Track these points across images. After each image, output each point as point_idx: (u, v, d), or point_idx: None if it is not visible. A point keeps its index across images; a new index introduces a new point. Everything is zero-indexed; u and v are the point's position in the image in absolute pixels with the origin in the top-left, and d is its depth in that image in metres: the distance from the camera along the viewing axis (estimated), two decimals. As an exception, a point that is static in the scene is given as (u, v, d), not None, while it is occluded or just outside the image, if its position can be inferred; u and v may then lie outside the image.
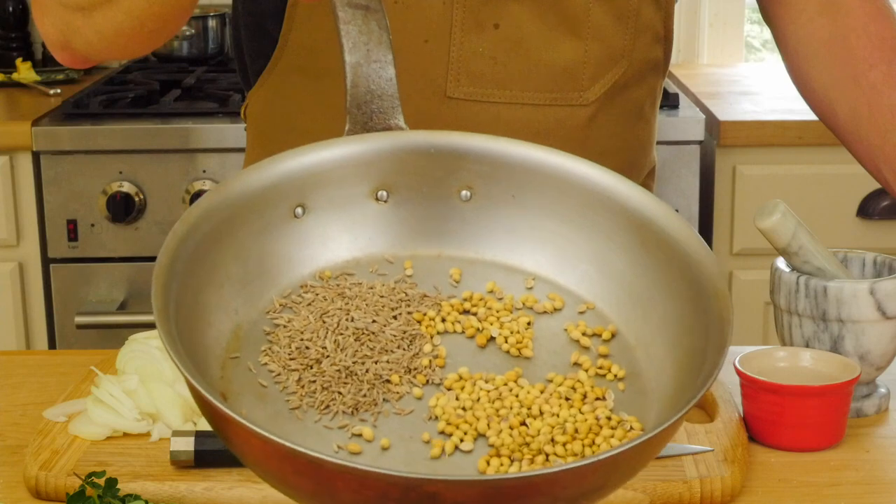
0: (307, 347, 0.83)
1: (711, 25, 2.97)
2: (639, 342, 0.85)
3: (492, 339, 0.86)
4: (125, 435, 1.10)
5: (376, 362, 0.82)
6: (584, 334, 0.87)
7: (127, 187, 2.39)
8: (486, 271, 0.89)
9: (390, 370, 0.83)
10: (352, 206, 0.89)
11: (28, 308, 2.47)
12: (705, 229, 2.45)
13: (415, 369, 0.83)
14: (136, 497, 0.98)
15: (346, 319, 0.84)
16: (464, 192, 0.90)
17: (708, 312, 0.80)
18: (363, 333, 0.84)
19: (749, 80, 2.76)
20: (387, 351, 0.83)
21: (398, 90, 0.91)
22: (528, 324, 0.87)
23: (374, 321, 0.85)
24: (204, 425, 1.09)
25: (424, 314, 0.87)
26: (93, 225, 2.41)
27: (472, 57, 1.26)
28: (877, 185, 2.44)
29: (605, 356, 0.85)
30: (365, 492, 0.68)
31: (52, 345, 2.48)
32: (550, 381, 0.84)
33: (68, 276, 2.45)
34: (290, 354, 0.82)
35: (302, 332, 0.84)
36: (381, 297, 0.86)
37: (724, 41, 2.95)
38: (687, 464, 1.04)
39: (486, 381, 0.83)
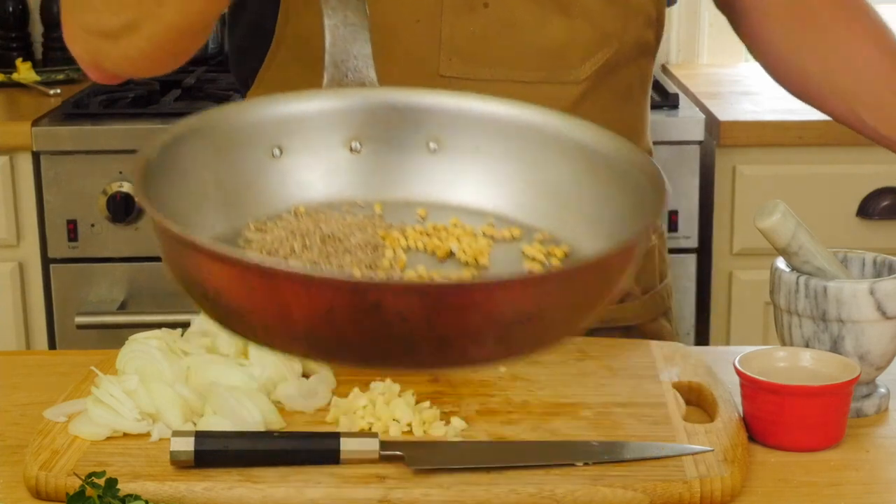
0: (276, 249, 0.86)
1: (711, 25, 2.97)
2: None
3: (451, 254, 0.90)
4: (125, 435, 1.10)
5: (340, 262, 0.86)
6: (539, 252, 0.90)
7: (127, 187, 2.39)
8: (450, 212, 0.94)
9: (352, 265, 0.86)
10: (327, 152, 0.94)
11: (28, 308, 2.47)
12: (705, 229, 2.45)
13: (377, 267, 0.86)
14: (136, 497, 0.99)
15: (315, 230, 0.88)
16: (431, 144, 0.95)
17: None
18: (329, 237, 0.88)
19: (749, 80, 2.76)
20: (350, 252, 0.87)
21: (373, 53, 0.98)
22: (487, 244, 0.91)
23: (340, 230, 0.89)
24: (204, 425, 1.09)
25: (389, 232, 0.90)
26: (93, 225, 2.41)
27: (464, 36, 1.28)
28: (877, 186, 2.44)
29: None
30: (312, 301, 0.71)
31: (52, 345, 2.48)
32: None
33: (68, 277, 2.45)
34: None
35: (272, 242, 0.87)
36: (351, 224, 0.91)
37: (724, 41, 2.95)
38: (687, 464, 1.04)
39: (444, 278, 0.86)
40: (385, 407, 1.13)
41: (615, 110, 1.35)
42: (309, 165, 0.93)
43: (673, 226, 2.40)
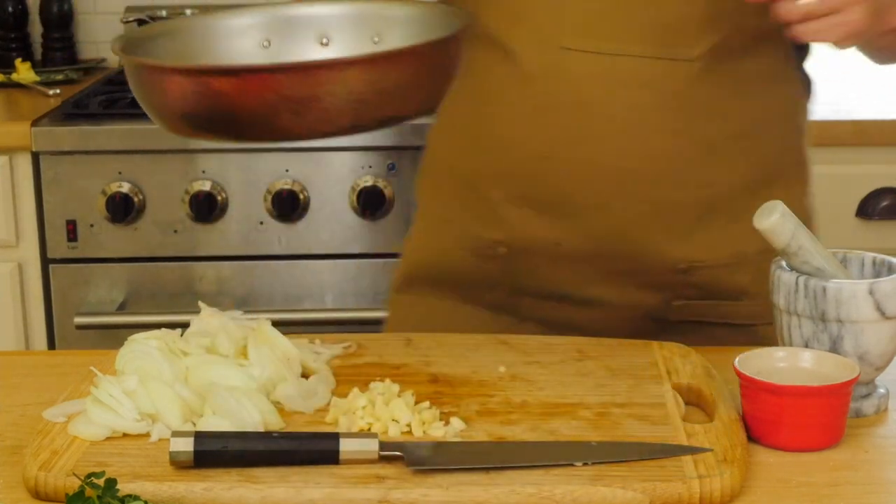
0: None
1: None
2: None
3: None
4: (125, 435, 1.10)
5: None
6: None
7: (126, 188, 2.39)
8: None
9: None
10: (245, 53, 1.25)
11: (27, 308, 2.47)
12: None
13: None
14: (136, 497, 0.98)
15: None
16: (323, 40, 1.27)
17: None
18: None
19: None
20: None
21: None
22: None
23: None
24: (203, 426, 1.09)
25: None
26: (92, 225, 2.41)
27: (585, 12, 1.34)
28: (877, 186, 2.44)
29: None
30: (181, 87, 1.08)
31: (51, 345, 2.48)
32: None
33: (68, 277, 2.45)
34: None
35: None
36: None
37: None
38: (686, 464, 1.04)
39: None
40: (384, 407, 1.13)
41: (732, 98, 1.36)
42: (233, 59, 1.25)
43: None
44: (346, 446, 1.05)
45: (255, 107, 1.05)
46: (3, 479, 1.07)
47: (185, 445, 1.03)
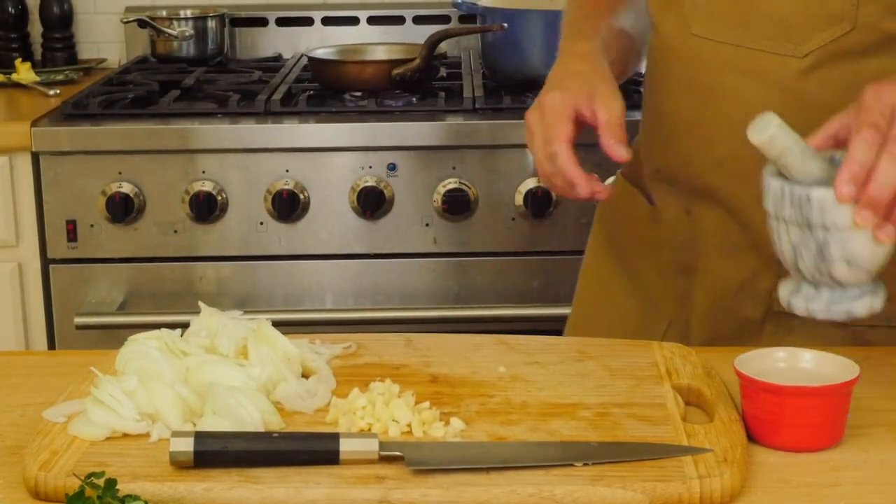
0: None
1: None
2: None
3: None
4: (125, 435, 1.10)
5: None
6: None
7: (126, 188, 2.39)
8: None
9: None
10: None
11: (27, 308, 2.47)
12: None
13: None
14: (136, 497, 0.99)
15: None
16: None
17: None
18: None
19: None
20: None
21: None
22: None
23: None
24: (203, 426, 1.09)
25: None
26: (92, 225, 2.41)
27: (714, 2, 1.41)
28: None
29: None
30: None
31: (51, 345, 2.48)
32: None
33: (68, 277, 2.45)
34: None
35: None
36: None
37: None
38: (686, 464, 1.04)
39: None
40: (384, 407, 1.13)
41: (847, 98, 1.30)
42: None
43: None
44: (346, 446, 1.05)
45: None
46: (3, 480, 1.07)
47: (185, 445, 1.03)
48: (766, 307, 1.45)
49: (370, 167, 2.39)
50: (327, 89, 2.57)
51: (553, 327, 1.76)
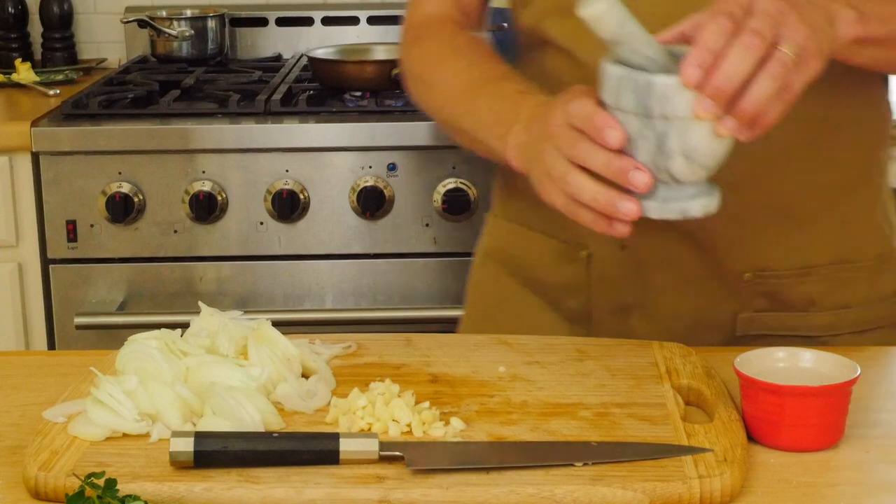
0: None
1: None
2: None
3: None
4: (124, 435, 1.10)
5: None
6: None
7: (126, 188, 2.39)
8: None
9: None
10: None
11: (27, 309, 2.47)
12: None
13: None
14: (136, 497, 0.99)
15: None
16: None
17: None
18: None
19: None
20: None
21: None
22: None
23: None
24: (203, 426, 1.09)
25: None
26: (92, 225, 2.41)
27: (647, 17, 1.24)
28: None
29: None
30: None
31: (51, 345, 2.48)
32: None
33: (68, 277, 2.45)
34: None
35: None
36: None
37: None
38: (686, 464, 1.04)
39: None
40: (384, 407, 1.13)
41: (815, 103, 1.24)
42: None
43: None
44: (346, 446, 1.05)
45: None
46: (3, 480, 1.07)
47: (185, 445, 1.03)
48: (726, 334, 1.41)
49: (370, 167, 2.40)
50: (327, 89, 2.57)
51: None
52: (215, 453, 1.03)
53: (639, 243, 1.38)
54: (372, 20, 3.00)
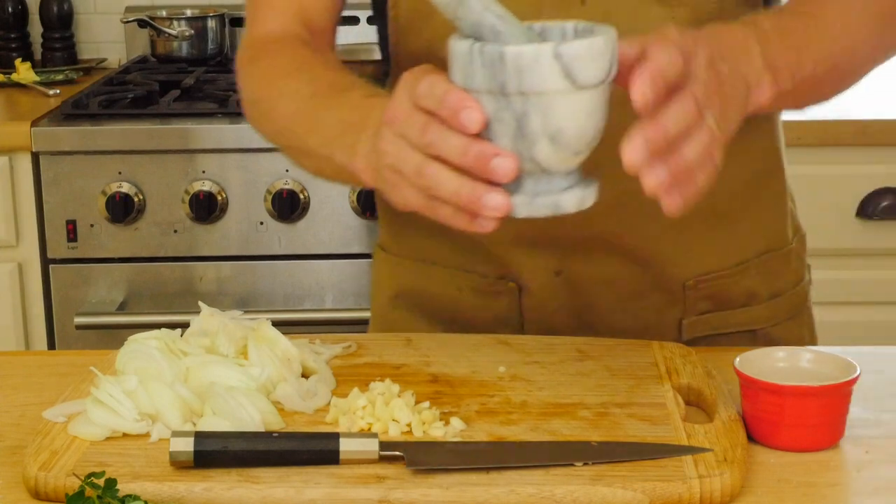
0: None
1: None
2: None
3: None
4: (124, 435, 1.10)
5: None
6: None
7: (126, 188, 2.39)
8: None
9: None
10: None
11: (27, 308, 2.48)
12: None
13: None
14: (136, 497, 0.99)
15: None
16: None
17: None
18: None
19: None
20: None
21: None
22: None
23: None
24: (203, 426, 1.09)
25: None
26: (92, 225, 2.41)
27: None
28: (877, 186, 2.44)
29: None
30: None
31: (51, 345, 2.48)
32: None
33: (68, 277, 2.45)
34: None
35: None
36: None
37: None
38: (686, 464, 1.04)
39: None
40: (384, 407, 1.13)
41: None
42: None
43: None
44: (346, 446, 1.05)
45: None
46: (3, 479, 1.07)
47: (185, 445, 1.03)
48: (672, 340, 1.37)
49: (370, 167, 2.39)
50: (327, 89, 2.57)
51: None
52: (215, 453, 1.03)
53: (574, 267, 1.34)
54: (372, 20, 2.99)
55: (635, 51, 1.01)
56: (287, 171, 2.39)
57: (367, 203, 2.38)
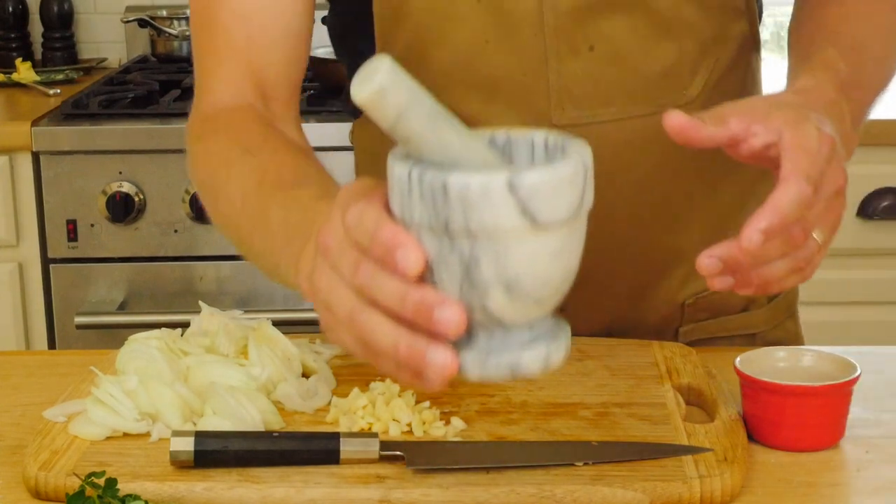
0: None
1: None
2: None
3: None
4: (125, 435, 1.10)
5: None
6: None
7: (126, 187, 2.39)
8: None
9: None
10: None
11: (28, 308, 2.48)
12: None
13: None
14: (136, 497, 0.99)
15: None
16: None
17: None
18: None
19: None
20: None
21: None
22: None
23: None
24: (204, 425, 1.09)
25: None
26: (92, 225, 2.41)
27: (572, 81, 1.25)
28: (877, 186, 2.44)
29: None
30: None
31: (51, 345, 2.48)
32: None
33: (68, 277, 2.45)
34: None
35: None
36: None
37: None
38: (687, 464, 1.04)
39: None
40: (385, 407, 1.13)
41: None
42: None
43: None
44: (347, 446, 1.05)
45: None
46: (4, 479, 1.07)
47: (186, 445, 1.03)
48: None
49: (370, 167, 2.39)
50: (327, 89, 2.57)
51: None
52: (216, 453, 1.03)
53: (568, 300, 1.31)
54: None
55: (771, 136, 0.97)
56: (287, 170, 2.39)
57: (367, 203, 2.38)
